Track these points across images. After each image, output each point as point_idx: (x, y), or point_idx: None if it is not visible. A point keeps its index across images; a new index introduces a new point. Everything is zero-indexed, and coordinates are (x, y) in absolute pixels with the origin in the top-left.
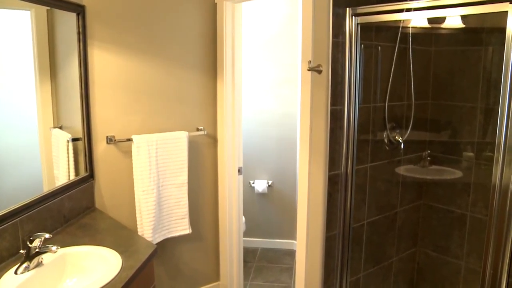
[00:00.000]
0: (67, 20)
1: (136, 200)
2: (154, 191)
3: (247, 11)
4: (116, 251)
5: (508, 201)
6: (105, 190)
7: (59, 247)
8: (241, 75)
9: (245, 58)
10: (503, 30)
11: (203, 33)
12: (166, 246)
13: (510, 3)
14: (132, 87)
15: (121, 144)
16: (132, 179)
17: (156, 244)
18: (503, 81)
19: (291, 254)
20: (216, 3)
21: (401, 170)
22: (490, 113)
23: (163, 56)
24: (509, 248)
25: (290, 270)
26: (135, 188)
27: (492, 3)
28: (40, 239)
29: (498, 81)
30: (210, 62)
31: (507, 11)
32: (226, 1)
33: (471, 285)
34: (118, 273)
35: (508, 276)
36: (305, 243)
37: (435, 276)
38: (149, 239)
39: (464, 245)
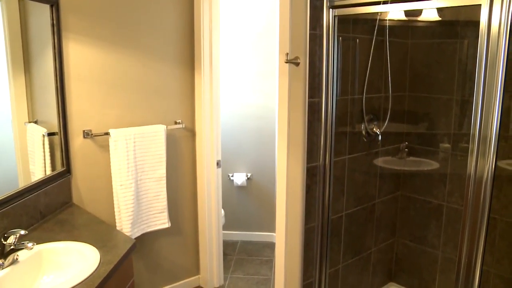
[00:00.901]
0: (41, 12)
1: (114, 194)
2: (132, 185)
3: (228, 3)
4: (94, 246)
5: (482, 191)
6: (82, 185)
7: (35, 243)
8: (219, 68)
9: (226, 51)
10: (477, 23)
11: (181, 25)
12: (145, 240)
13: None
14: (109, 80)
15: (98, 138)
16: (110, 174)
17: (135, 238)
18: (477, 73)
19: (270, 246)
20: None
21: (379, 161)
22: (466, 105)
23: (140, 48)
24: (483, 237)
25: (270, 262)
26: (113, 183)
27: None
28: (15, 236)
29: (473, 73)
30: (188, 54)
31: (480, 4)
32: None
33: (447, 274)
34: (96, 268)
35: (482, 265)
36: (284, 235)
37: (413, 266)
38: (128, 234)
39: (441, 235)
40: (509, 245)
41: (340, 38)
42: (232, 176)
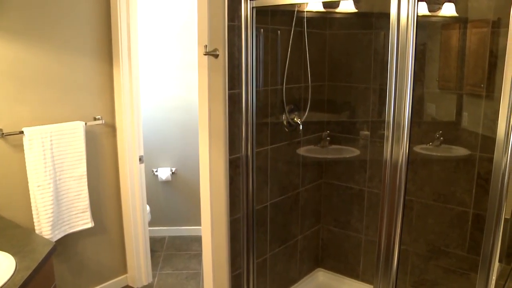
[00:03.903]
0: None
1: (31, 196)
2: (51, 185)
3: None
4: (9, 252)
5: (398, 175)
6: None
7: None
8: (138, 60)
9: (147, 43)
10: (388, 15)
11: (97, 16)
12: (68, 242)
13: None
14: (20, 75)
15: (11, 137)
16: (26, 174)
17: (57, 241)
18: (389, 63)
19: (199, 240)
20: None
21: (302, 151)
22: (382, 93)
23: (54, 41)
24: (400, 218)
25: (198, 256)
26: (29, 184)
27: None
28: None
29: (387, 62)
30: (105, 47)
31: None
32: None
33: (371, 255)
34: (12, 276)
35: (400, 244)
36: (210, 228)
37: (339, 250)
38: (48, 237)
39: (363, 219)
40: (424, 225)
41: (262, 29)
42: (157, 171)
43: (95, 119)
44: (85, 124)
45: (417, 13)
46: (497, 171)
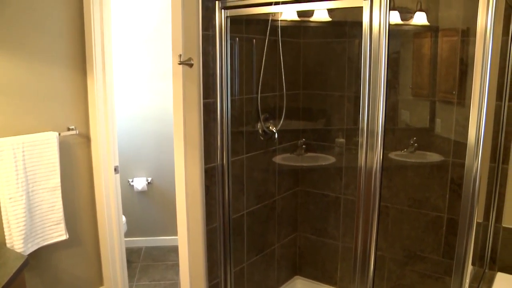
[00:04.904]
0: None
1: (3, 209)
2: (23, 197)
3: (122, 3)
4: None
5: (373, 182)
6: None
7: None
8: (113, 70)
9: (121, 52)
10: (361, 24)
11: (70, 25)
12: (41, 255)
13: None
14: None
15: None
16: None
17: (30, 254)
18: (362, 71)
19: (176, 250)
20: None
21: (278, 159)
22: (357, 101)
23: (25, 50)
24: (375, 225)
25: (176, 266)
26: (0, 196)
27: None
28: None
29: (361, 70)
30: (79, 56)
31: (362, 7)
32: None
33: (348, 262)
34: None
35: (376, 250)
36: (187, 238)
37: (316, 258)
38: (20, 250)
39: (339, 226)
40: (400, 230)
41: (237, 38)
42: (132, 181)
43: (68, 129)
44: (59, 134)
45: (388, 21)
46: (468, 176)
